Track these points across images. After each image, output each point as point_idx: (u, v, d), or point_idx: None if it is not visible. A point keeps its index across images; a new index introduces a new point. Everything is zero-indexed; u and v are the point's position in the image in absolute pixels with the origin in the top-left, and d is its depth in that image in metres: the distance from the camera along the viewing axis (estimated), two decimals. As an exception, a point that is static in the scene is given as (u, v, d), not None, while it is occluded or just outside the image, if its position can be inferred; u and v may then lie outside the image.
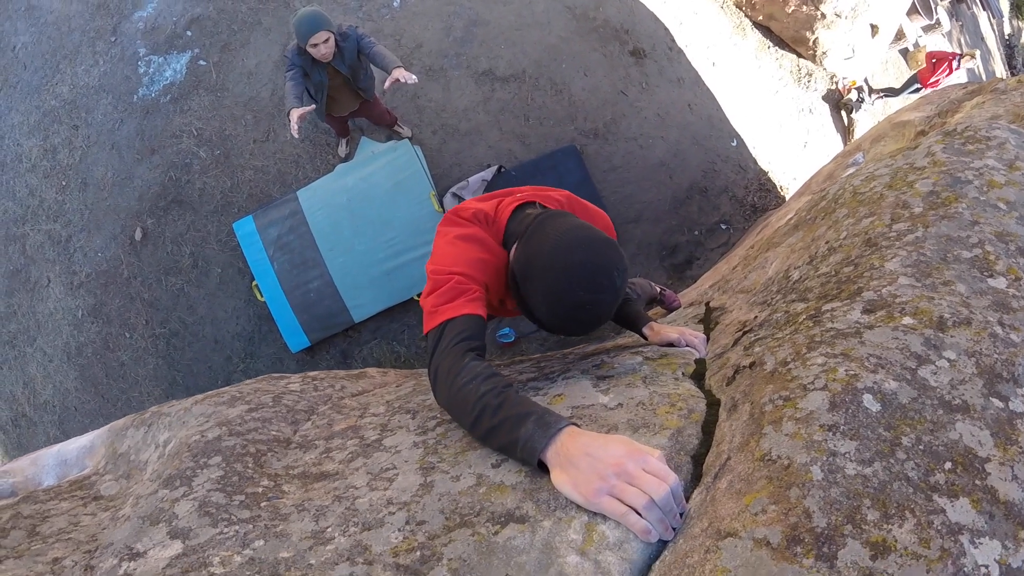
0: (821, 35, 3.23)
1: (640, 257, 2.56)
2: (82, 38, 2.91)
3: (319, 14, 1.62)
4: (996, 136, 0.80)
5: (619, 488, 0.44)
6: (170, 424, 0.72)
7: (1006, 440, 0.42)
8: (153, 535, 0.49)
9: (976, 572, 0.35)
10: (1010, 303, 0.53)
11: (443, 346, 0.60)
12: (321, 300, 2.25)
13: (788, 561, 0.37)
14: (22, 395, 2.94)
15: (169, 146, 2.60)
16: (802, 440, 0.44)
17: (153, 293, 2.64)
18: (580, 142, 2.52)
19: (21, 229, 2.91)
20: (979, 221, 0.63)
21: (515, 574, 0.42)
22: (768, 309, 0.74)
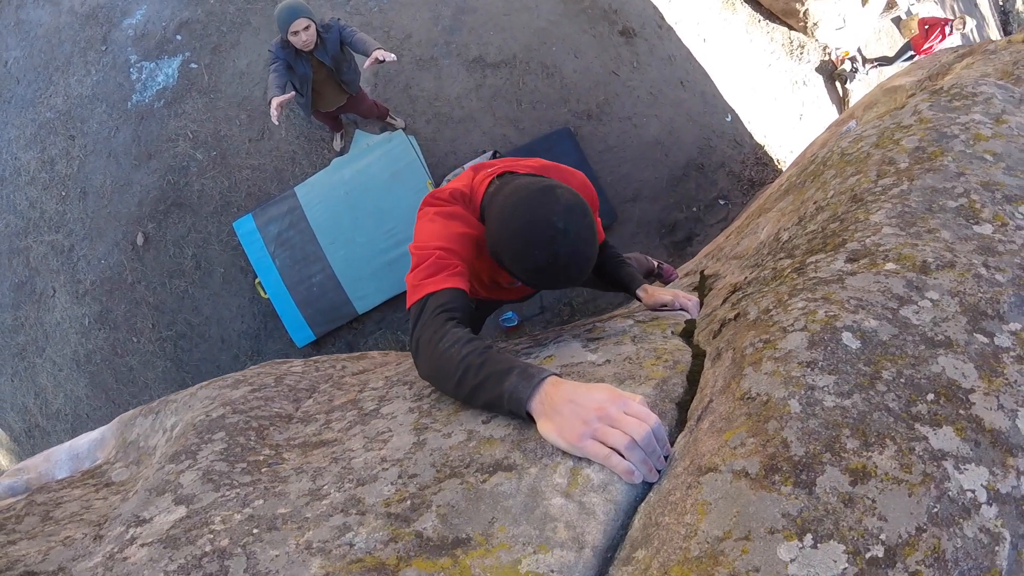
0: (811, 6, 3.21)
1: (640, 235, 2.56)
2: (73, 49, 2.93)
3: (299, 3, 1.64)
4: (983, 92, 0.80)
5: (601, 431, 0.45)
6: (177, 409, 0.74)
7: (991, 372, 0.42)
8: (159, 504, 0.51)
9: (962, 497, 0.35)
10: (996, 247, 0.53)
11: (425, 318, 0.60)
12: (324, 294, 2.27)
13: (766, 489, 0.37)
14: (34, 405, 2.97)
15: (166, 150, 2.61)
16: (780, 377, 0.44)
17: (158, 297, 2.66)
18: (574, 124, 2.52)
19: (24, 242, 2.94)
20: (965, 172, 0.63)
21: (501, 517, 0.42)
22: (758, 269, 0.74)
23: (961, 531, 0.33)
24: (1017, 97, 0.81)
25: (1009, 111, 0.75)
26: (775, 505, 0.36)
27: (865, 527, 0.34)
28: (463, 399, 0.56)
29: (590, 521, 0.41)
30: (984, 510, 0.34)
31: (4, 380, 2.96)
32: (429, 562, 0.40)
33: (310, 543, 0.42)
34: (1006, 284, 0.49)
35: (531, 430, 0.50)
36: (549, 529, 0.41)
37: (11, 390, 2.99)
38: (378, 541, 0.42)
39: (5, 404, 3.01)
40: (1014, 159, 0.65)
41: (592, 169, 2.44)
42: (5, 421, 2.99)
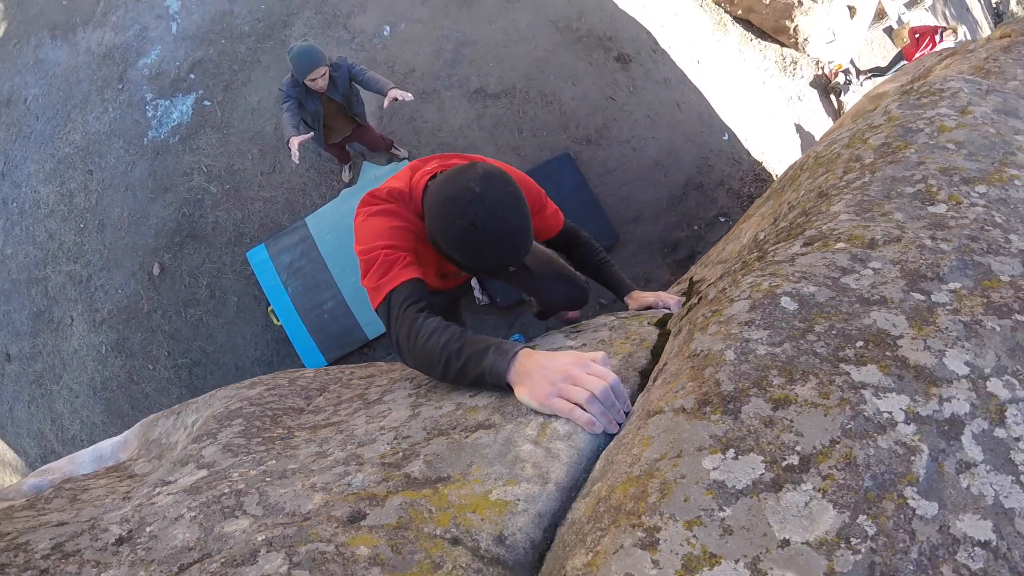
0: (800, 22, 3.29)
1: (642, 255, 2.61)
2: (90, 87, 3.05)
3: (316, 51, 1.71)
4: (950, 87, 0.83)
5: (565, 389, 0.51)
6: (197, 408, 0.79)
7: (922, 322, 0.46)
8: (182, 471, 0.56)
9: (878, 416, 0.39)
10: (947, 223, 0.57)
11: (395, 315, 0.64)
12: (335, 320, 2.33)
13: (699, 419, 0.42)
14: (50, 431, 3.03)
15: (181, 184, 2.71)
16: (721, 335, 0.50)
17: (173, 325, 2.73)
18: (574, 149, 2.59)
19: (43, 272, 3.03)
20: (925, 161, 0.67)
21: (479, 460, 0.49)
22: (734, 265, 0.79)
23: (875, 443, 0.37)
24: (984, 88, 0.84)
25: (975, 102, 0.78)
26: (705, 430, 0.41)
27: (783, 441, 0.39)
28: (451, 382, 0.62)
29: (555, 463, 0.47)
30: (901, 428, 0.38)
31: (21, 407, 3.03)
32: (413, 492, 0.46)
33: (314, 484, 0.48)
34: (950, 252, 0.52)
35: (510, 397, 0.56)
36: (518, 468, 0.47)
37: (28, 416, 3.05)
38: (372, 481, 0.48)
39: (21, 430, 3.07)
40: (976, 145, 0.68)
41: (592, 192, 2.50)
42: (21, 447, 3.05)
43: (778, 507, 0.35)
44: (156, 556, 0.41)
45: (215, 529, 0.44)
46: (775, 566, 0.32)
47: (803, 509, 0.34)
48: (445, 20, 2.73)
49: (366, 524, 0.42)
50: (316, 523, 0.42)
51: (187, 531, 0.44)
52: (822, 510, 0.34)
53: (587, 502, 0.43)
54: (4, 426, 3.01)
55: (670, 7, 2.99)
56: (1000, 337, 0.43)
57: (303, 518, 0.44)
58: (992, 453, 0.36)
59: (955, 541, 0.32)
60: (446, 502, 0.44)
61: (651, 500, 0.38)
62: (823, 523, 0.34)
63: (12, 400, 2.95)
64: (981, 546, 0.32)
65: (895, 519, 0.33)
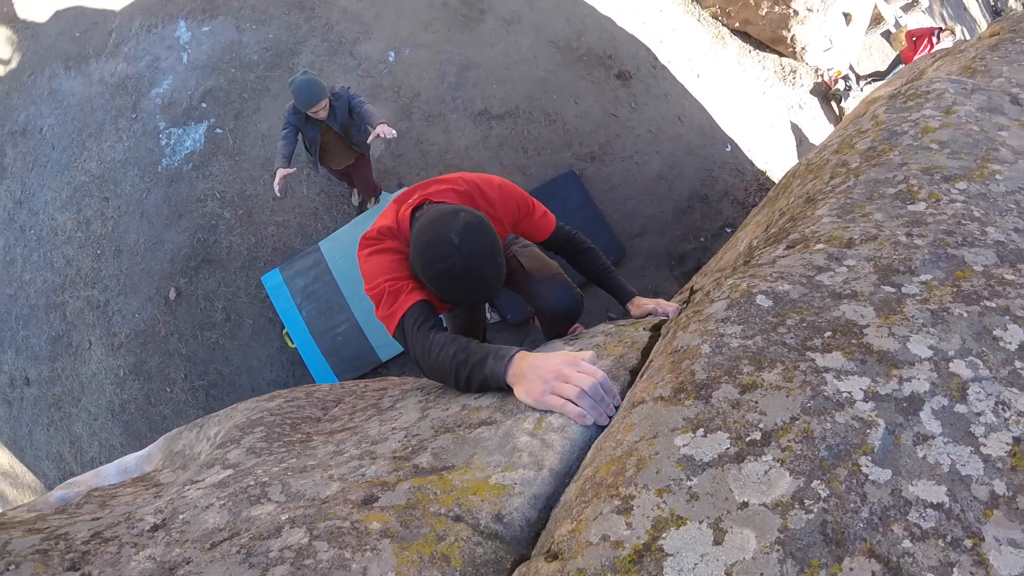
0: (797, 32, 3.32)
1: (649, 268, 2.64)
2: (105, 117, 3.13)
3: (317, 85, 1.78)
4: (935, 88, 0.86)
5: (558, 387, 0.56)
6: (219, 421, 0.84)
7: (889, 311, 0.49)
8: (209, 472, 0.61)
9: (837, 396, 0.42)
10: (925, 220, 0.60)
11: (410, 337, 0.72)
12: (349, 342, 2.37)
13: (674, 404, 0.46)
14: (69, 454, 3.08)
15: (195, 210, 2.77)
16: (699, 331, 0.54)
17: (190, 348, 2.79)
18: (578, 167, 2.63)
19: (61, 297, 3.10)
20: (908, 162, 0.70)
21: (480, 451, 0.53)
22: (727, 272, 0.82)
23: (832, 419, 0.41)
24: (969, 88, 0.86)
25: (959, 102, 0.80)
26: (678, 413, 0.45)
27: (747, 420, 0.42)
28: (463, 389, 0.68)
29: (549, 451, 0.51)
30: (859, 405, 0.41)
31: (40, 429, 3.08)
32: (421, 479, 0.50)
33: (332, 475, 0.53)
34: (924, 246, 0.55)
35: (511, 397, 0.61)
36: (515, 456, 0.51)
37: (47, 439, 3.11)
38: (384, 471, 0.53)
39: (40, 452, 3.12)
40: (959, 144, 0.71)
41: (598, 208, 2.54)
42: (40, 469, 3.10)
43: (740, 475, 0.38)
44: (189, 537, 0.45)
45: (242, 513, 0.48)
46: (734, 525, 0.36)
47: (762, 477, 0.38)
48: (448, 45, 2.79)
49: (378, 505, 0.47)
50: (333, 505, 0.47)
51: (217, 516, 0.48)
52: (779, 477, 0.37)
53: (577, 485, 0.47)
54: (23, 448, 3.06)
55: (668, 23, 3.04)
56: (967, 322, 0.46)
57: (322, 502, 0.48)
58: (951, 427, 0.39)
59: (907, 503, 0.35)
60: (450, 486, 0.48)
61: (628, 474, 0.42)
62: (780, 488, 0.37)
63: (31, 423, 3.00)
64: (933, 507, 0.35)
65: (847, 483, 0.36)
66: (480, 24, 2.82)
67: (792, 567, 0.33)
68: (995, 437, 0.38)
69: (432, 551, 0.41)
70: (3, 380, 2.97)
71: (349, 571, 0.39)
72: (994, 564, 0.31)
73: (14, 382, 2.96)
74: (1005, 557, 0.31)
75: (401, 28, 2.85)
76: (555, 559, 0.39)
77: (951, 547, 0.32)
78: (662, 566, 0.34)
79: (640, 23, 2.93)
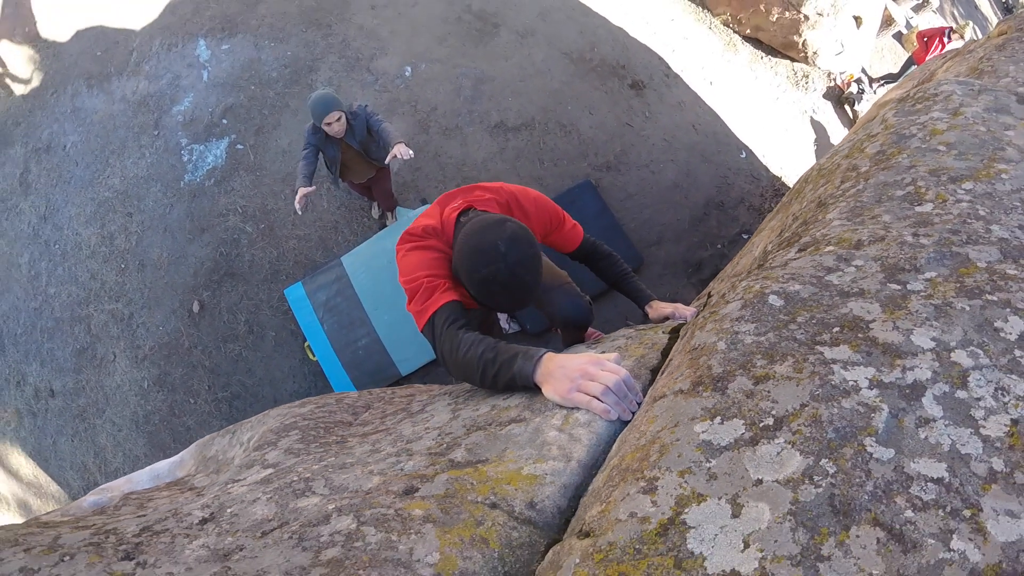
0: (808, 36, 3.33)
1: (667, 276, 2.64)
2: (127, 134, 3.20)
3: (331, 96, 1.82)
4: (943, 91, 0.88)
5: (583, 384, 0.59)
6: (252, 427, 0.87)
7: (894, 307, 0.51)
8: (249, 472, 0.63)
9: (844, 384, 0.45)
10: (931, 220, 0.62)
11: (439, 334, 0.75)
12: (370, 356, 2.39)
13: (693, 396, 0.49)
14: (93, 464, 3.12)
15: (217, 224, 2.82)
16: (715, 330, 0.56)
17: (213, 360, 2.83)
18: (594, 176, 2.65)
19: (85, 310, 3.16)
20: (916, 165, 0.72)
21: (512, 446, 0.57)
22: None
23: (839, 404, 0.43)
24: (977, 89, 0.88)
25: (967, 103, 0.82)
26: (697, 404, 0.48)
27: (760, 408, 0.45)
28: (489, 387, 0.71)
29: (576, 445, 0.54)
30: (864, 392, 0.44)
31: (65, 440, 3.13)
32: (457, 471, 0.53)
33: (372, 470, 0.56)
34: (929, 245, 0.57)
35: (539, 396, 0.64)
36: (545, 450, 0.54)
37: (71, 449, 3.16)
38: (421, 466, 0.56)
39: (65, 463, 3.17)
40: (966, 144, 0.73)
41: (614, 217, 2.55)
42: (64, 479, 3.15)
43: (754, 456, 0.41)
44: (239, 527, 0.48)
45: (289, 505, 0.50)
46: (750, 499, 0.39)
47: (775, 457, 0.41)
48: (463, 59, 2.83)
49: (419, 495, 0.50)
50: (376, 495, 0.50)
51: (265, 508, 0.50)
52: (790, 456, 0.41)
53: (604, 474, 0.50)
54: (47, 459, 3.12)
55: (680, 32, 3.06)
56: (969, 315, 0.48)
57: (365, 493, 0.51)
58: (952, 411, 0.41)
59: (908, 478, 0.38)
60: (485, 477, 0.52)
61: (652, 459, 0.45)
62: (791, 466, 0.40)
63: (56, 434, 3.06)
64: (934, 482, 0.37)
65: (853, 461, 0.39)
66: (494, 38, 2.86)
67: (803, 534, 0.36)
68: (994, 419, 0.40)
69: (472, 534, 0.44)
70: (28, 392, 3.03)
71: (396, 551, 0.42)
72: (992, 531, 0.34)
73: (39, 394, 3.02)
74: (1002, 525, 0.34)
75: (416, 43, 2.90)
76: (587, 536, 0.42)
77: (951, 516, 0.35)
78: (685, 537, 0.38)
79: (652, 33, 2.95)
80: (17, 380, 3.09)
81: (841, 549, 0.34)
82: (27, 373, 3.05)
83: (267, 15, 3.13)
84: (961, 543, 0.33)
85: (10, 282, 3.20)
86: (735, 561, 0.35)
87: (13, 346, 3.11)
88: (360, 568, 0.39)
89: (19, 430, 3.06)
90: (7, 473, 3.11)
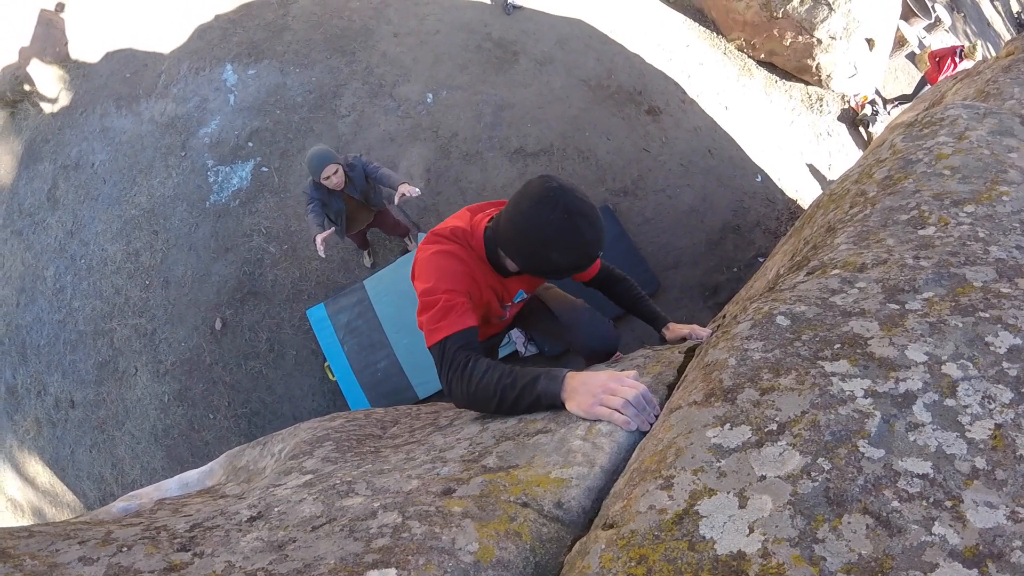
0: (822, 60, 3.36)
1: (684, 300, 2.65)
2: (155, 154, 3.30)
3: (326, 150, 1.88)
4: (950, 115, 0.90)
5: (605, 399, 0.63)
6: (283, 439, 0.89)
7: (892, 325, 0.55)
8: (288, 478, 0.66)
9: (842, 394, 0.49)
10: (933, 243, 0.65)
11: (448, 358, 0.74)
12: (388, 378, 2.42)
13: (706, 407, 0.54)
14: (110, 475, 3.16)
15: (241, 244, 2.89)
16: (727, 348, 0.61)
17: (234, 376, 2.87)
18: (612, 201, 2.68)
19: (109, 324, 3.22)
20: (921, 189, 0.75)
21: (539, 454, 0.61)
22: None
23: (836, 411, 0.48)
24: (982, 112, 0.90)
25: (972, 127, 0.84)
26: (709, 413, 0.53)
27: (766, 415, 0.49)
28: (506, 412, 0.72)
29: (599, 452, 0.59)
30: (860, 401, 0.48)
31: (83, 450, 3.17)
32: (490, 475, 0.58)
33: (410, 475, 0.60)
34: (929, 267, 0.61)
35: (563, 411, 0.68)
36: (571, 456, 0.59)
37: (89, 460, 3.19)
38: (455, 471, 0.60)
39: (82, 473, 3.21)
40: (970, 168, 0.75)
41: (632, 242, 2.57)
42: (80, 489, 3.18)
43: (759, 456, 0.46)
44: (289, 523, 0.51)
45: (335, 503, 0.54)
46: (755, 492, 0.43)
47: (778, 457, 0.45)
48: (483, 86, 2.90)
49: (456, 495, 0.54)
50: (417, 496, 0.54)
51: (312, 507, 0.54)
52: (791, 456, 0.45)
53: (625, 477, 0.54)
54: (65, 468, 3.16)
55: (695, 58, 3.10)
56: (961, 332, 0.52)
57: (406, 493, 0.55)
58: (940, 417, 0.45)
59: (896, 474, 0.42)
60: (516, 480, 0.56)
61: (668, 461, 0.49)
62: (791, 464, 0.44)
63: (74, 444, 3.10)
64: (919, 477, 0.41)
65: (847, 459, 0.43)
66: (514, 66, 2.92)
67: (801, 521, 0.40)
68: (980, 424, 0.44)
69: (507, 528, 0.48)
70: (49, 402, 3.09)
71: (440, 541, 0.46)
72: (971, 519, 0.38)
73: (59, 404, 3.07)
74: (981, 514, 0.38)
75: (438, 71, 2.97)
76: (611, 528, 0.46)
77: (933, 506, 0.39)
78: (698, 524, 0.42)
79: (668, 59, 3.00)
80: (38, 390, 3.15)
81: (834, 533, 0.39)
82: (48, 383, 3.11)
83: (293, 41, 3.22)
84: (942, 528, 0.37)
85: (35, 294, 3.28)
86: (741, 544, 0.40)
87: (36, 357, 3.18)
88: (409, 554, 0.43)
89: (38, 439, 3.12)
90: (24, 480, 3.15)
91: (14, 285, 3.31)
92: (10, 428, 3.12)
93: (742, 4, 3.20)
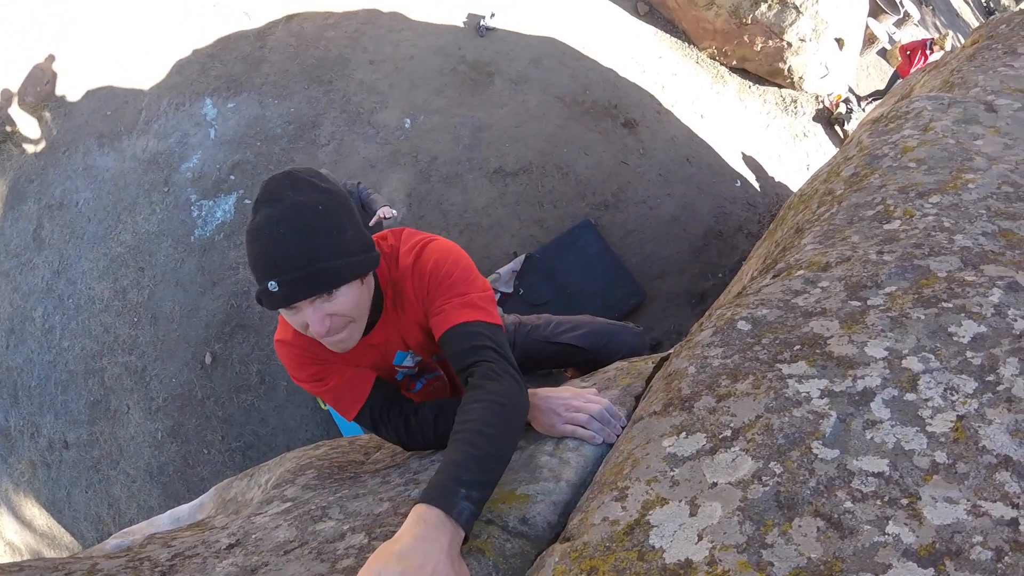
0: (793, 62, 3.42)
1: (671, 308, 2.67)
2: (138, 191, 3.30)
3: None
4: (915, 107, 0.89)
5: (570, 416, 0.64)
6: (269, 468, 0.91)
7: (852, 323, 0.55)
8: (269, 507, 0.68)
9: (796, 396, 0.49)
10: (898, 236, 0.64)
11: (381, 420, 0.69)
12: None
13: (664, 416, 0.54)
14: (107, 515, 3.12)
15: (228, 277, 2.89)
16: (688, 356, 0.61)
17: (226, 410, 2.86)
18: (594, 215, 2.70)
19: (99, 363, 3.21)
20: (887, 184, 0.74)
21: (507, 471, 0.61)
22: None
23: (790, 414, 0.48)
24: (947, 102, 0.89)
25: (937, 117, 0.83)
26: (667, 422, 0.53)
27: (721, 422, 0.50)
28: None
29: (566, 467, 0.60)
30: (815, 402, 0.48)
31: (79, 491, 3.14)
32: None
33: (382, 498, 0.61)
34: (892, 261, 0.60)
35: (531, 431, 0.69)
36: (538, 472, 0.60)
37: (85, 501, 3.15)
38: None
39: (79, 514, 3.17)
40: (935, 159, 0.74)
41: (616, 254, 2.60)
42: (78, 530, 3.14)
43: (712, 464, 0.46)
44: (264, 548, 0.53)
45: (308, 528, 0.56)
46: (706, 500, 0.44)
47: (730, 463, 0.46)
48: (460, 108, 2.93)
49: None
50: (386, 517, 0.55)
51: (286, 532, 0.56)
52: (743, 462, 0.45)
53: (589, 490, 0.55)
54: (61, 510, 3.12)
55: (668, 68, 3.15)
56: (923, 324, 0.52)
57: (376, 515, 0.56)
58: (900, 412, 0.45)
59: (850, 474, 0.42)
60: None
61: (625, 472, 0.50)
62: (743, 469, 0.45)
63: (70, 485, 3.06)
64: (875, 476, 0.41)
65: (799, 462, 0.44)
66: (489, 87, 2.96)
67: (750, 527, 0.40)
68: (941, 417, 0.43)
69: (469, 545, 0.50)
70: (42, 443, 3.06)
71: None
72: (928, 516, 0.37)
73: (53, 445, 3.04)
74: (939, 511, 0.37)
75: (415, 96, 3.00)
76: (567, 541, 0.47)
77: (888, 505, 0.39)
78: (648, 534, 0.43)
79: (641, 71, 3.05)
80: (31, 432, 3.12)
81: (784, 537, 0.39)
82: (41, 425, 3.09)
83: (270, 73, 3.25)
84: (896, 527, 0.37)
85: (24, 335, 3.26)
86: (689, 552, 0.40)
87: (27, 398, 3.15)
88: (371, 573, 0.44)
89: (33, 481, 3.08)
90: (21, 524, 3.11)
91: (3, 327, 3.29)
92: (5, 471, 3.08)
93: (711, 13, 3.26)
